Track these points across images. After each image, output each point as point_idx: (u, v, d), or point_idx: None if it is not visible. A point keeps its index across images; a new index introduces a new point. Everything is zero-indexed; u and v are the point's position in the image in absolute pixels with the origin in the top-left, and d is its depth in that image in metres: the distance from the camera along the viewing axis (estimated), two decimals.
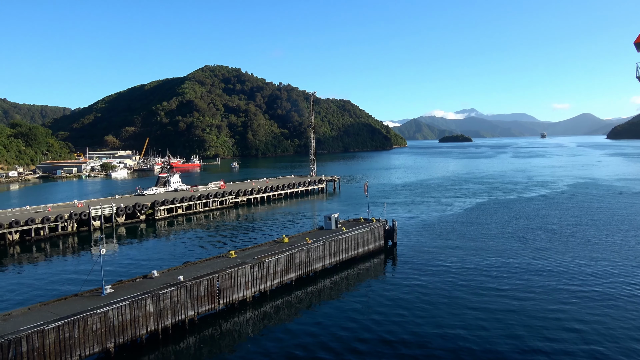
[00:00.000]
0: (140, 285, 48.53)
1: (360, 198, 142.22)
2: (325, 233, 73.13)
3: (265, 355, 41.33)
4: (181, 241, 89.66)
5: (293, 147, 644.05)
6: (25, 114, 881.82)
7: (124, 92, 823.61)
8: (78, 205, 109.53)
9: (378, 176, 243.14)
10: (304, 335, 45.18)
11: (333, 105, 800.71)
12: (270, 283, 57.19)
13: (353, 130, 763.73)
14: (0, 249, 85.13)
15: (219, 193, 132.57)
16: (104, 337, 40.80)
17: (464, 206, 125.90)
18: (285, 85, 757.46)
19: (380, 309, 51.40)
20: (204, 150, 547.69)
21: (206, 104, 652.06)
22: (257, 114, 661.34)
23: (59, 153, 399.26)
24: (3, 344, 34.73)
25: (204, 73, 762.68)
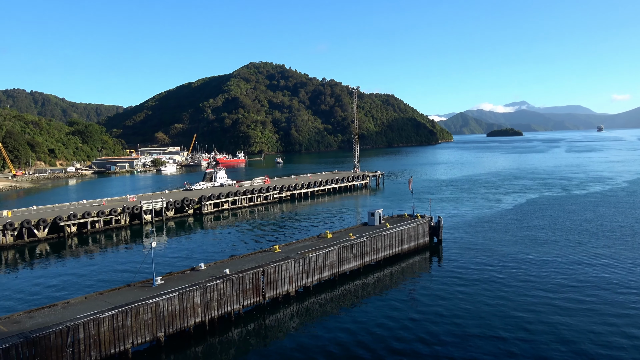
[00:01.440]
0: (189, 278, 50.11)
1: (405, 194, 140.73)
2: (368, 229, 72.92)
3: (307, 350, 41.79)
4: (227, 235, 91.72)
5: (336, 143, 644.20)
6: (81, 112, 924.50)
7: (173, 90, 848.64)
8: (130, 200, 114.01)
9: (423, 172, 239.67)
10: (346, 332, 45.32)
11: (377, 100, 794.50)
12: (313, 278, 57.66)
13: (397, 125, 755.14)
14: (60, 241, 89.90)
15: (264, 188, 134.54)
16: (155, 327, 42.41)
17: (513, 203, 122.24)
18: (329, 80, 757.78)
19: (424, 308, 50.75)
20: (249, 146, 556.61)
21: (251, 100, 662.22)
22: (300, 109, 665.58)
23: (112, 150, 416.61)
24: (62, 330, 36.77)
25: (249, 70, 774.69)
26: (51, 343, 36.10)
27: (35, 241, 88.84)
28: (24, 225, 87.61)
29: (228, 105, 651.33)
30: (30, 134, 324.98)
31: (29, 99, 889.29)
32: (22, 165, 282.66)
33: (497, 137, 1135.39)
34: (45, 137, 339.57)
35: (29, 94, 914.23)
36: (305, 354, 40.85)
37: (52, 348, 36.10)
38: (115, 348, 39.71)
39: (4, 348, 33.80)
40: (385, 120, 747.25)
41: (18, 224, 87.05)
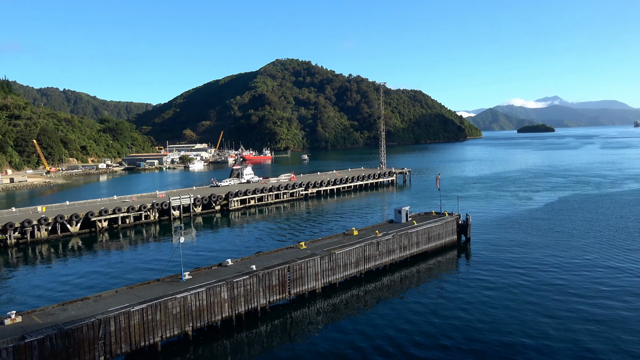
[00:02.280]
0: (216, 273, 50.68)
1: (432, 191, 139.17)
2: (395, 226, 72.37)
3: (333, 347, 41.74)
4: (253, 231, 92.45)
5: (363, 139, 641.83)
6: (112, 110, 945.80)
7: (200, 88, 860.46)
8: (159, 196, 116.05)
9: (451, 168, 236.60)
10: (372, 330, 45.09)
11: (404, 96, 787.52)
12: (339, 275, 57.57)
13: (424, 121, 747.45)
14: (92, 236, 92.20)
15: (290, 185, 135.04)
16: (183, 321, 43.05)
17: (544, 201, 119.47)
18: (355, 76, 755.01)
19: (448, 308, 50.05)
20: (275, 143, 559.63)
21: (277, 97, 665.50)
22: (326, 106, 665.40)
23: (142, 146, 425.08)
24: (94, 323, 37.68)
25: (275, 67, 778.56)
26: (84, 335, 37.04)
27: (68, 236, 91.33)
28: (57, 220, 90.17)
29: (254, 102, 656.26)
30: (63, 131, 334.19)
31: (62, 97, 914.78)
32: (55, 161, 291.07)
33: (527, 134, 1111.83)
34: (78, 135, 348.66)
35: (62, 92, 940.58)
36: (331, 351, 40.83)
37: (84, 340, 37.04)
38: (144, 341, 40.47)
39: (39, 339, 34.84)
40: (412, 117, 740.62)
41: (52, 219, 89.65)
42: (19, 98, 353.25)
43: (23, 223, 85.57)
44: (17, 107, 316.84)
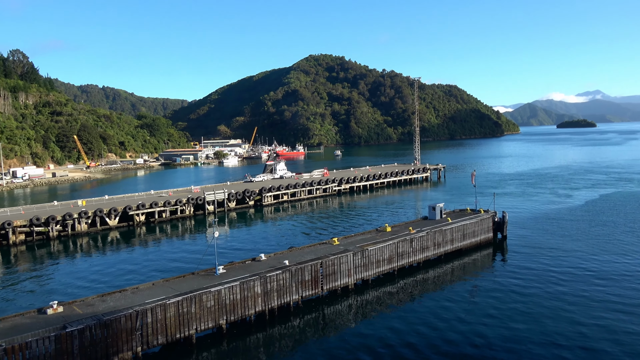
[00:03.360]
0: (249, 268, 51.15)
1: (467, 188, 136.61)
2: (429, 223, 71.33)
3: (365, 343, 41.46)
4: (286, 227, 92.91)
5: (396, 135, 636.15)
6: (149, 106, 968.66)
7: (235, 84, 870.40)
8: (194, 191, 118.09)
9: (487, 165, 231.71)
10: (404, 327, 44.55)
11: (439, 91, 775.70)
12: (372, 272, 57.17)
13: (460, 117, 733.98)
14: (130, 229, 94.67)
15: (322, 181, 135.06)
16: (217, 314, 43.62)
17: (584, 198, 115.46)
18: (389, 71, 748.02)
19: (484, 308, 48.92)
20: (308, 139, 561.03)
21: (310, 92, 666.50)
22: (360, 101, 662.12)
23: (178, 142, 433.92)
24: (132, 314, 38.61)
25: (309, 62, 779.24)
26: (122, 326, 37.99)
27: (107, 229, 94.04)
28: (97, 213, 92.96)
29: (288, 98, 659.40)
30: (103, 127, 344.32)
31: (101, 94, 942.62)
32: (95, 157, 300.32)
33: (567, 129, 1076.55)
34: (116, 130, 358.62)
35: (101, 89, 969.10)
36: (363, 347, 40.58)
37: (122, 330, 37.99)
38: (180, 333, 41.21)
39: (80, 329, 35.94)
40: (447, 112, 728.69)
41: (92, 213, 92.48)
42: (60, 95, 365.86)
43: (64, 216, 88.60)
44: (59, 104, 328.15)
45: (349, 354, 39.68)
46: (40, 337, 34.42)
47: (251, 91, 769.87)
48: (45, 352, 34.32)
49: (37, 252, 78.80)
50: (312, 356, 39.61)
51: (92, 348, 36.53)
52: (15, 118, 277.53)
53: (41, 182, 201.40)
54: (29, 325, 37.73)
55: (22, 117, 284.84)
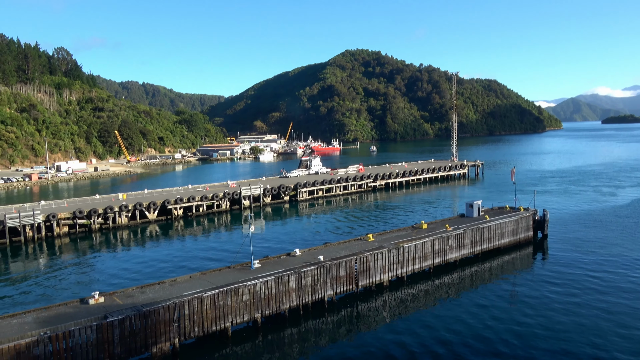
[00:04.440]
0: (284, 262, 51.33)
1: (506, 185, 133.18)
2: (466, 221, 69.84)
3: (400, 341, 40.92)
4: (321, 222, 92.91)
5: (433, 131, 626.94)
6: (187, 102, 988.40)
7: (271, 80, 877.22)
8: (231, 186, 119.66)
9: (527, 161, 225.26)
10: (440, 325, 43.75)
11: (477, 86, 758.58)
12: (407, 269, 56.43)
13: (499, 112, 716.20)
14: (168, 223, 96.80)
15: (358, 177, 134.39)
16: (253, 308, 43.97)
17: (630, 198, 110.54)
18: (426, 66, 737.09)
19: (522, 309, 47.46)
20: (344, 134, 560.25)
21: (346, 88, 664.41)
22: (396, 97, 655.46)
23: (215, 137, 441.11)
24: (170, 306, 39.36)
25: (345, 57, 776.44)
26: (160, 317, 38.78)
27: (146, 222, 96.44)
28: (136, 207, 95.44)
29: (323, 94, 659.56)
30: (142, 122, 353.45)
31: (141, 90, 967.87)
32: (135, 151, 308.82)
33: (613, 125, 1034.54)
34: (155, 126, 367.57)
35: (141, 85, 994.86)
36: (398, 345, 40.07)
37: (160, 321, 38.79)
38: (216, 326, 41.76)
39: (120, 319, 36.91)
40: (486, 107, 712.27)
41: (132, 206, 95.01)
42: (102, 91, 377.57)
43: (106, 209, 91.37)
44: (101, 100, 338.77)
45: (383, 351, 39.27)
46: (82, 326, 35.53)
47: (287, 87, 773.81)
48: (87, 341, 35.41)
49: (79, 243, 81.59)
50: (346, 352, 39.41)
51: (132, 338, 37.46)
52: (60, 114, 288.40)
53: (84, 176, 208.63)
54: (72, 314, 39.03)
55: (66, 113, 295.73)
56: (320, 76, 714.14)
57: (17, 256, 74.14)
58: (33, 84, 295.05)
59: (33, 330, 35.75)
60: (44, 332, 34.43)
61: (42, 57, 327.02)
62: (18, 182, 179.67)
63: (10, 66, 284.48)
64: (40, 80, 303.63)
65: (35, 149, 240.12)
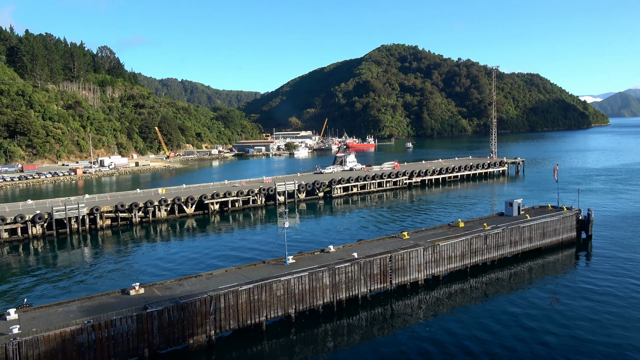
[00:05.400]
0: (318, 259, 51.45)
1: (548, 183, 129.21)
2: (505, 220, 68.16)
3: (434, 341, 40.36)
4: (355, 219, 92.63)
5: (471, 127, 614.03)
6: (224, 98, 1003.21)
7: (306, 76, 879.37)
8: (266, 182, 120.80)
9: (570, 159, 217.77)
10: (476, 326, 42.90)
11: (518, 80, 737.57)
12: (443, 267, 55.59)
13: (542, 107, 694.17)
14: (205, 217, 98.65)
15: (393, 173, 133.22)
16: (286, 303, 44.30)
17: None
18: (465, 60, 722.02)
19: (563, 312, 45.94)
20: (379, 130, 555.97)
21: (382, 83, 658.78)
22: (433, 92, 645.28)
23: (250, 134, 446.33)
24: (206, 299, 40.12)
25: (380, 53, 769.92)
26: (197, 309, 39.59)
27: (184, 216, 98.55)
28: (175, 202, 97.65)
29: (359, 89, 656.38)
30: (181, 119, 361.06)
31: (180, 87, 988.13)
32: (174, 147, 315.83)
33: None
34: (193, 122, 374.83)
35: (180, 82, 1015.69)
36: (433, 345, 39.53)
37: (197, 314, 39.60)
38: (250, 319, 42.30)
39: (159, 310, 37.89)
40: (527, 102, 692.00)
41: (170, 201, 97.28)
42: (143, 88, 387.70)
43: (146, 203, 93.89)
44: (142, 97, 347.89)
45: (417, 350, 38.82)
46: (123, 315, 36.68)
47: (322, 83, 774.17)
48: (128, 330, 36.54)
49: (121, 236, 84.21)
50: (379, 350, 39.18)
51: (170, 329, 38.41)
52: (103, 110, 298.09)
53: (125, 170, 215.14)
54: (114, 304, 40.33)
55: (109, 109, 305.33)
56: (355, 72, 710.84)
57: (63, 247, 77.23)
58: (78, 81, 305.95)
59: (77, 318, 37.17)
60: (88, 321, 35.73)
61: (87, 56, 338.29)
62: (64, 176, 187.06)
63: (58, 65, 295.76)
64: (85, 78, 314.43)
65: (80, 144, 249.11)
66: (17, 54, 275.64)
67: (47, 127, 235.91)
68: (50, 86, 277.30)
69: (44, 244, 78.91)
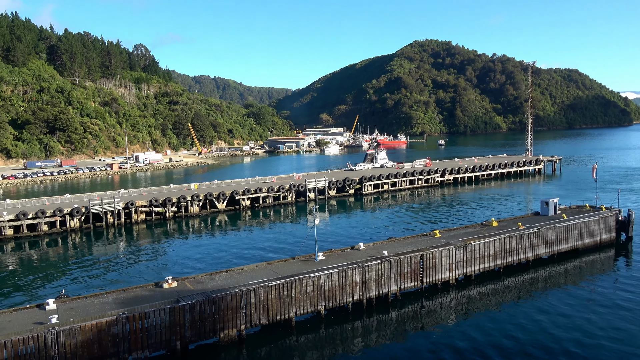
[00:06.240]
0: (348, 256, 51.26)
1: (586, 182, 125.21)
2: (541, 219, 66.36)
3: (465, 341, 39.61)
4: (386, 217, 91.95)
5: (506, 124, 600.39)
6: (255, 95, 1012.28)
7: (337, 72, 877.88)
8: (296, 178, 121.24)
9: (610, 157, 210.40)
10: (509, 328, 41.85)
11: (556, 76, 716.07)
12: (475, 267, 54.54)
13: (580, 104, 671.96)
14: (236, 213, 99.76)
15: (425, 171, 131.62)
16: (316, 300, 44.31)
17: None
18: (500, 56, 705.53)
19: (601, 317, 44.35)
20: (411, 127, 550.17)
21: (414, 80, 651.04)
22: (467, 88, 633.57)
23: (281, 130, 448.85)
24: (237, 294, 40.51)
25: (413, 49, 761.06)
26: (227, 304, 40.03)
27: (216, 212, 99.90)
28: (207, 197, 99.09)
29: (390, 86, 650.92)
30: (213, 115, 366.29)
31: (212, 84, 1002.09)
32: (206, 143, 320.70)
33: None
34: (225, 119, 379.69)
35: (213, 79, 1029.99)
36: (464, 345, 38.82)
37: (228, 308, 40.04)
38: (280, 315, 42.50)
39: (191, 303, 38.49)
40: (565, 99, 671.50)
41: (203, 196, 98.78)
42: (177, 86, 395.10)
43: (179, 199, 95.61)
44: (176, 94, 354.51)
45: (449, 350, 38.19)
46: (157, 308, 37.41)
47: (353, 79, 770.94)
48: (161, 322, 37.25)
49: (155, 230, 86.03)
50: (410, 349, 38.74)
51: (201, 322, 38.96)
52: (138, 107, 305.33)
53: (159, 166, 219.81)
54: (148, 297, 41.21)
55: (144, 106, 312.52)
56: (387, 68, 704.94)
57: (99, 240, 79.49)
58: (114, 79, 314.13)
59: (112, 310, 38.14)
60: (122, 312, 36.60)
61: (123, 54, 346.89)
62: (101, 171, 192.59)
63: (95, 63, 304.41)
64: (121, 75, 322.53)
65: (116, 140, 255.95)
66: (56, 53, 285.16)
67: (85, 124, 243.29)
68: (87, 83, 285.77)
69: (81, 237, 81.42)
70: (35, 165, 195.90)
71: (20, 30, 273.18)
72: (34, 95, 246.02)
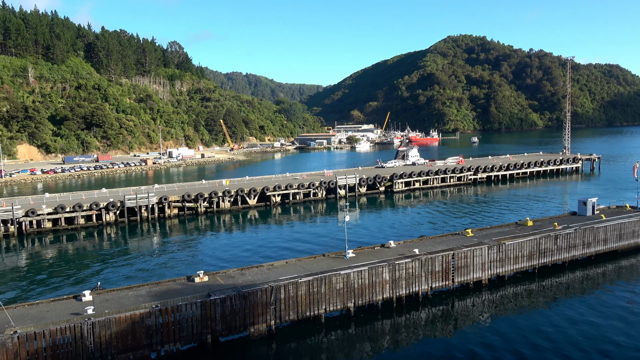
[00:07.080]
0: (378, 254, 50.93)
1: (627, 182, 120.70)
2: (578, 219, 64.34)
3: (498, 342, 38.76)
4: (417, 215, 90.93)
5: (543, 121, 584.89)
6: (287, 92, 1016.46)
7: (369, 69, 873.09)
8: (327, 175, 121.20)
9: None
10: (542, 334, 40.72)
11: (596, 72, 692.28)
12: (509, 267, 53.31)
13: (621, 101, 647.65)
14: (266, 209, 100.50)
15: (457, 169, 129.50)
16: (346, 297, 44.19)
17: None
18: (537, 51, 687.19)
19: (637, 324, 42.72)
20: (443, 124, 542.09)
21: (447, 76, 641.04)
22: (501, 84, 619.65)
23: (312, 127, 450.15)
24: (267, 289, 40.80)
25: (446, 44, 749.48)
26: (258, 299, 40.36)
27: (247, 208, 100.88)
28: (238, 193, 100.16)
29: (423, 82, 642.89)
30: (245, 112, 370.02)
31: (244, 80, 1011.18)
32: (237, 139, 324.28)
33: None
34: (257, 115, 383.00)
35: (245, 76, 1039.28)
36: (497, 346, 38.00)
37: (258, 303, 40.37)
38: (310, 311, 42.58)
39: (222, 298, 38.98)
40: (605, 95, 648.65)
41: (234, 192, 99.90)
42: (209, 82, 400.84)
43: (211, 194, 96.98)
44: (208, 91, 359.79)
45: (480, 351, 37.45)
46: (188, 302, 38.04)
47: (385, 75, 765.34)
48: (193, 316, 37.86)
49: (187, 225, 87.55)
50: (441, 349, 38.20)
51: (232, 317, 39.41)
52: (172, 104, 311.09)
53: (192, 162, 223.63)
54: (180, 290, 41.96)
55: (177, 102, 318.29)
56: (419, 64, 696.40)
57: (133, 234, 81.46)
58: (149, 76, 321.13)
59: (146, 302, 39.00)
60: (155, 305, 37.37)
61: (157, 51, 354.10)
62: (135, 166, 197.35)
63: (131, 60, 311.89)
64: (156, 72, 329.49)
65: (150, 136, 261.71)
66: (93, 50, 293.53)
67: (121, 120, 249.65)
68: (123, 80, 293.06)
69: (116, 231, 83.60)
70: (73, 160, 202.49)
71: (59, 28, 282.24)
72: (72, 92, 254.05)
